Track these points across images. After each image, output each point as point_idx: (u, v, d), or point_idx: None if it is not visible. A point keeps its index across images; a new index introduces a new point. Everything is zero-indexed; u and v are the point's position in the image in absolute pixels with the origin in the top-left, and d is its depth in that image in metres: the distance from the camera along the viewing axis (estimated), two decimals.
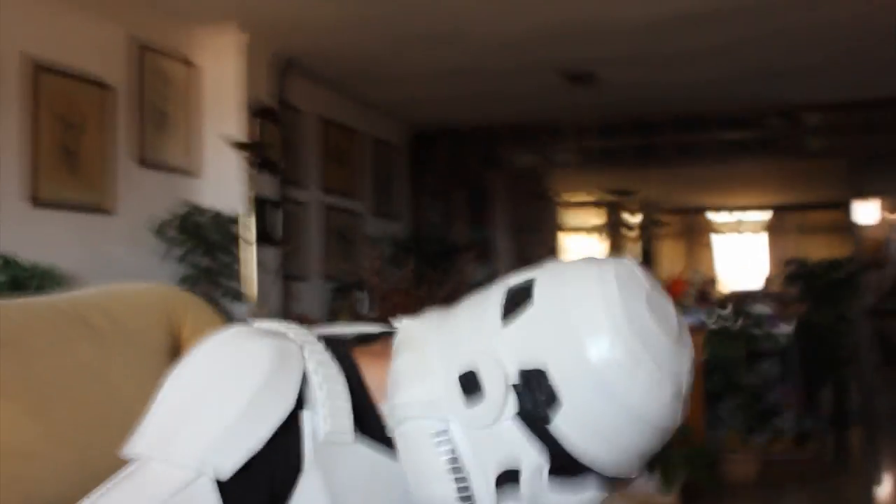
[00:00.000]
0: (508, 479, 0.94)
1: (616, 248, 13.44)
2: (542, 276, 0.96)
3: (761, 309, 7.13)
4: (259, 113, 5.73)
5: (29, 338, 1.45)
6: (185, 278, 5.23)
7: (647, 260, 13.94)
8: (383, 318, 1.18)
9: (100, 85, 4.87)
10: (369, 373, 1.05)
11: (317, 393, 0.98)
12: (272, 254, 5.90)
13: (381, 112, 8.04)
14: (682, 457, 4.84)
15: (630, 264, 0.97)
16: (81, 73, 4.75)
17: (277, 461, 0.95)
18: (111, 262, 4.91)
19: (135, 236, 5.12)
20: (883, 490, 5.98)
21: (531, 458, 0.92)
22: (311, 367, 0.99)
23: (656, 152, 8.42)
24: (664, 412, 0.91)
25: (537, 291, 0.94)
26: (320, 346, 1.03)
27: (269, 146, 5.66)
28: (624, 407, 0.89)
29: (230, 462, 0.91)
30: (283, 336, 1.02)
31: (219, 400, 0.95)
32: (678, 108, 8.05)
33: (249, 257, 5.31)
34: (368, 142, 7.97)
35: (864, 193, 9.23)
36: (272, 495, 0.95)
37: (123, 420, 1.15)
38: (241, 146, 5.36)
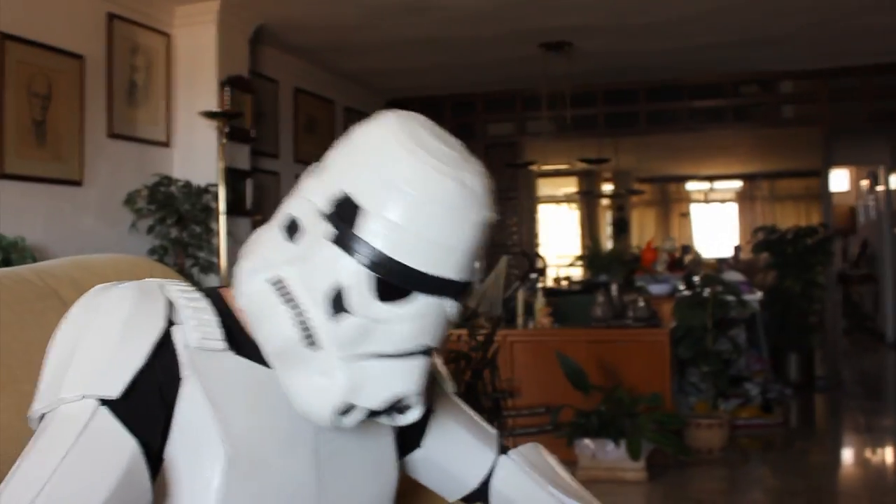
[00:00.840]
0: (341, 302, 1.03)
1: (590, 217, 13.48)
2: (336, 143, 1.10)
3: (732, 276, 7.20)
4: (231, 82, 5.70)
5: None
6: (156, 249, 5.22)
7: (622, 228, 13.99)
8: None
9: (69, 55, 4.82)
10: (234, 303, 1.16)
11: (183, 312, 1.09)
12: (243, 224, 5.89)
13: (354, 81, 8.01)
14: (650, 423, 4.90)
15: (409, 112, 1.12)
16: (50, 43, 4.70)
17: (161, 377, 1.05)
18: (80, 234, 4.89)
19: (104, 207, 5.10)
20: (848, 456, 6.09)
21: (352, 272, 1.02)
22: (173, 295, 1.11)
23: (631, 121, 8.45)
24: (451, 194, 1.02)
25: (332, 151, 1.10)
26: (183, 283, 1.15)
27: (241, 116, 5.63)
28: (410, 194, 1.01)
29: (116, 384, 1.01)
30: (143, 280, 1.14)
31: (93, 340, 1.05)
32: (653, 76, 8.07)
33: (220, 228, 5.29)
34: (341, 111, 7.95)
35: (836, 162, 9.30)
36: (166, 407, 1.04)
37: None
38: (212, 116, 5.33)
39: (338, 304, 1.03)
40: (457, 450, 1.36)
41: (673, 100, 8.27)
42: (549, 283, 9.04)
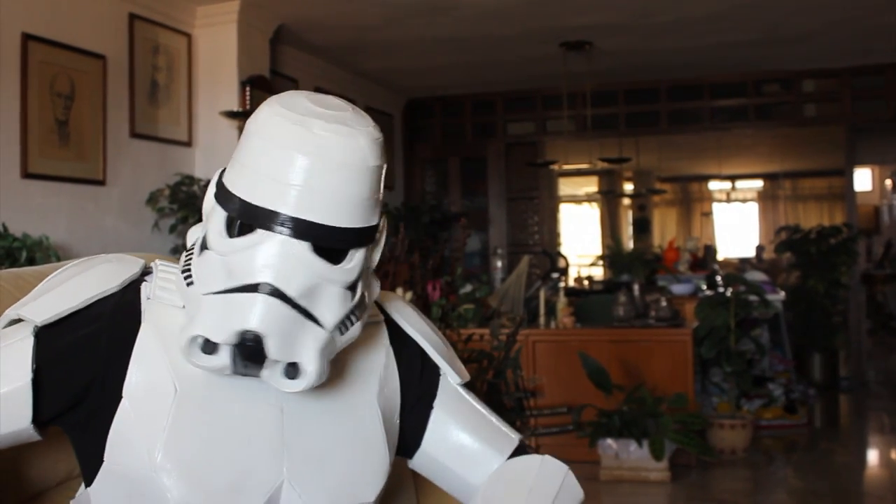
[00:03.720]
0: (206, 241, 1.14)
1: (611, 216, 13.44)
2: None
3: (755, 276, 7.15)
4: (251, 82, 5.71)
5: None
6: (178, 248, 5.24)
7: (644, 227, 13.94)
8: None
9: (91, 55, 4.85)
10: None
11: (155, 274, 1.23)
12: None
13: (375, 81, 8.01)
14: (673, 423, 4.87)
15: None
16: (72, 43, 4.72)
17: (117, 324, 1.17)
18: (103, 233, 4.92)
19: (126, 207, 5.12)
20: (872, 457, 6.04)
21: (214, 213, 1.14)
22: (154, 265, 1.24)
23: (652, 120, 8.41)
24: (290, 135, 1.08)
25: None
26: (170, 262, 1.27)
27: None
28: (254, 136, 1.11)
29: (45, 314, 1.16)
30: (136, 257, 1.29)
31: (54, 281, 1.23)
32: (674, 75, 8.03)
33: None
34: (362, 111, 7.94)
35: (860, 161, 9.22)
36: (114, 346, 1.16)
37: None
38: (233, 115, 5.35)
39: (205, 243, 1.14)
40: (459, 449, 1.34)
41: (694, 99, 8.23)
42: (571, 282, 9.02)
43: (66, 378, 1.15)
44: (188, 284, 1.13)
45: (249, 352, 1.08)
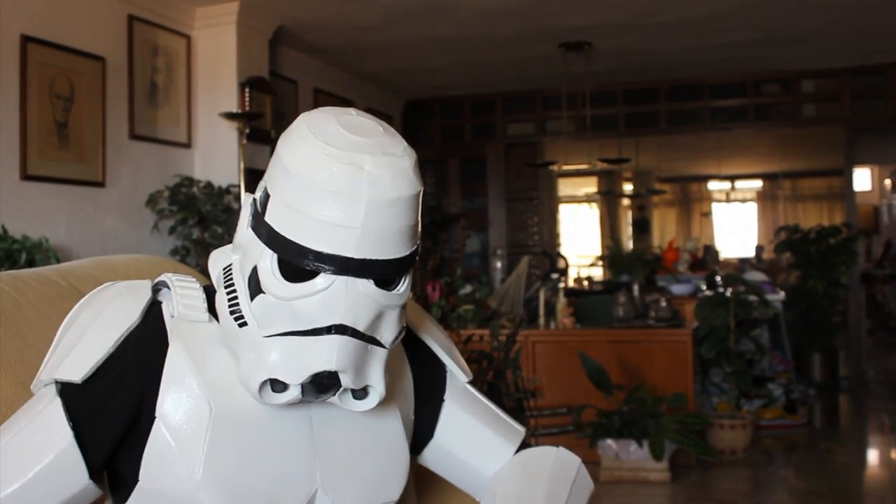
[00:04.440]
0: (258, 283, 1.11)
1: (611, 217, 13.44)
2: None
3: (754, 276, 7.15)
4: (251, 83, 5.70)
5: (21, 310, 1.46)
6: (178, 250, 5.23)
7: (643, 228, 13.94)
8: None
9: (90, 56, 4.84)
10: None
11: (174, 291, 1.22)
12: None
13: (375, 81, 8.01)
14: (673, 423, 4.87)
15: (332, 107, 1.21)
16: (71, 45, 4.72)
17: (145, 353, 1.17)
18: (102, 235, 4.91)
19: (126, 208, 5.12)
20: (872, 456, 6.04)
21: (262, 253, 1.11)
22: (168, 280, 1.24)
23: (651, 120, 8.41)
24: (339, 177, 1.06)
25: None
26: (186, 276, 1.27)
27: (261, 116, 5.64)
28: (299, 177, 1.08)
29: (81, 370, 1.14)
30: (139, 281, 1.27)
31: (75, 331, 1.20)
32: (673, 75, 8.03)
33: None
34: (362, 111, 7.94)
35: (859, 161, 9.22)
36: (146, 374, 1.16)
37: None
38: (232, 117, 5.35)
39: (256, 286, 1.12)
40: (470, 440, 1.37)
41: (694, 99, 8.23)
42: (571, 283, 9.02)
43: (108, 422, 1.15)
44: (240, 325, 1.13)
45: (323, 386, 1.10)
